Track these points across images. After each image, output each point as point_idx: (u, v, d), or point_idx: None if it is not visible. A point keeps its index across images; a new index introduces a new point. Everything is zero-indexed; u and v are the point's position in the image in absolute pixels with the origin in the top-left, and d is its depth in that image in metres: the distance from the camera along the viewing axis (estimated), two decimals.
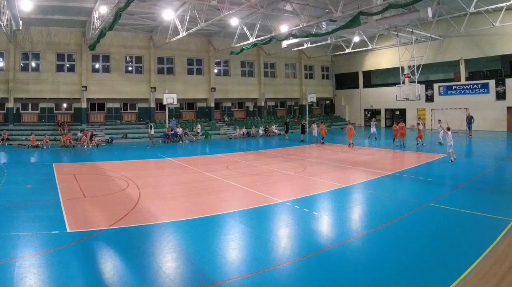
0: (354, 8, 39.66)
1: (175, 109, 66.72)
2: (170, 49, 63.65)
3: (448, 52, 64.18)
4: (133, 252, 13.72)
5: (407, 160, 35.85)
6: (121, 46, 61.88)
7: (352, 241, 15.00)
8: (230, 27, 54.71)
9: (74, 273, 11.92)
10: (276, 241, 15.47)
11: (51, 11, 48.13)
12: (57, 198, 21.27)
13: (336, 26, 46.39)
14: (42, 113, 59.79)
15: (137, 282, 11.59)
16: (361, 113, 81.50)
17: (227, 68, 73.04)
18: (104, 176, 28.59)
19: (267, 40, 54.71)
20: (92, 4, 44.90)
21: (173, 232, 16.13)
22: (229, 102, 75.66)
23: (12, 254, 13.22)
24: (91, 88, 59.18)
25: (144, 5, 46.54)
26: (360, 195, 23.19)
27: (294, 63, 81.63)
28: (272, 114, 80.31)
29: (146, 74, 63.97)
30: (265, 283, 11.53)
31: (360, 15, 38.62)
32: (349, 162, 34.08)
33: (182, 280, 11.78)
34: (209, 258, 13.28)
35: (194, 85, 68.14)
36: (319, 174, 29.15)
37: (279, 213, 18.97)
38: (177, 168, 33.43)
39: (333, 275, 12.02)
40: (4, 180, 26.68)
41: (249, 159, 36.98)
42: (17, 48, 55.16)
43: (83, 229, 16.16)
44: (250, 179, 27.23)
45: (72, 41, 58.30)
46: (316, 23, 47.10)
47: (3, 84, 54.47)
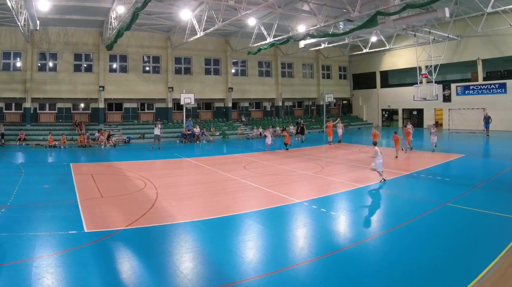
0: (372, 8, 39.61)
1: (192, 109, 66.55)
2: (187, 49, 63.66)
3: (465, 52, 63.61)
4: (150, 252, 13.73)
5: (424, 160, 35.35)
6: (139, 46, 62.01)
7: (369, 241, 15.00)
8: (248, 27, 54.48)
9: (92, 273, 11.95)
10: (293, 241, 15.45)
11: (69, 11, 48.29)
12: (74, 198, 21.31)
13: (353, 26, 46.01)
14: (59, 113, 60.04)
15: (155, 282, 11.59)
16: (379, 113, 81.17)
17: (245, 68, 72.92)
18: (121, 176, 28.65)
19: (284, 40, 54.48)
20: (110, 4, 45.02)
21: (190, 232, 16.14)
22: (246, 102, 75.37)
23: (29, 254, 13.23)
24: (109, 88, 59.27)
25: (162, 5, 46.60)
26: (377, 195, 23.19)
27: (311, 63, 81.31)
28: (290, 114, 79.90)
29: (163, 74, 64.04)
30: (283, 283, 11.58)
31: (377, 15, 38.24)
32: (366, 162, 33.28)
33: (199, 280, 11.75)
34: (227, 258, 13.29)
35: (211, 85, 68.09)
36: (336, 174, 29.10)
37: (296, 213, 18.97)
38: (194, 168, 33.46)
39: (350, 275, 11.97)
40: (21, 180, 26.77)
41: (266, 159, 36.89)
42: (34, 48, 55.38)
43: (100, 229, 16.18)
44: (267, 179, 27.22)
45: (89, 41, 58.51)
46: (333, 23, 47.03)
47: (20, 84, 54.75)
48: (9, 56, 55.32)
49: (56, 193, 23.16)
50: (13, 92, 54.48)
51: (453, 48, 63.90)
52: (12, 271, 11.98)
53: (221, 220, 17.74)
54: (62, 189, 24.17)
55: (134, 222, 17.02)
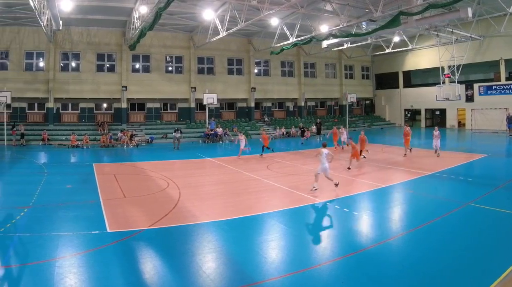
0: (394, 8, 39.26)
1: (215, 109, 66.62)
2: (210, 49, 63.49)
3: (488, 52, 62.86)
4: (173, 252, 13.74)
5: (447, 160, 34.97)
6: (161, 46, 62.11)
7: (392, 241, 14.99)
8: (270, 27, 54.51)
9: (114, 273, 12.03)
10: (316, 241, 15.48)
11: (91, 11, 48.58)
12: (97, 198, 21.46)
13: (376, 26, 45.91)
14: (82, 113, 60.47)
15: (177, 282, 11.65)
16: (401, 113, 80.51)
17: (267, 68, 72.70)
18: (144, 176, 28.74)
19: (307, 40, 54.31)
20: (132, 4, 45.26)
21: (213, 232, 16.13)
22: (269, 102, 75.28)
23: (52, 254, 13.30)
24: (131, 88, 59.54)
25: (184, 5, 46.62)
26: (400, 195, 23.17)
27: (334, 63, 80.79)
28: (312, 114, 79.32)
29: (186, 74, 64.09)
30: (305, 283, 11.56)
31: (400, 15, 38.15)
32: (388, 162, 33.85)
33: (222, 279, 11.76)
34: (249, 258, 13.33)
35: (234, 85, 68.08)
36: (359, 173, 29.00)
37: (319, 213, 19.10)
38: (217, 168, 33.49)
39: (373, 275, 11.93)
40: (44, 180, 26.90)
41: (289, 159, 36.86)
42: (57, 48, 55.80)
43: (123, 229, 16.27)
44: (290, 179, 27.17)
45: (112, 41, 58.84)
46: (356, 23, 46.83)
47: (43, 84, 55.11)
48: (32, 56, 55.76)
49: (78, 193, 23.32)
50: (35, 92, 54.86)
51: (475, 48, 63.15)
52: (35, 271, 12.02)
53: (243, 220, 17.78)
54: (85, 189, 24.31)
55: (157, 222, 17.06)
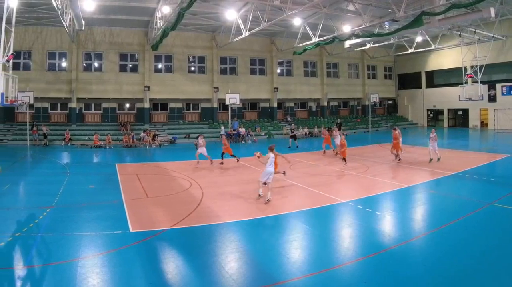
0: (417, 8, 39.05)
1: (237, 109, 66.83)
2: (232, 49, 63.75)
3: (510, 52, 62.35)
4: (195, 252, 13.77)
5: (469, 160, 34.98)
6: (184, 46, 62.31)
7: (414, 241, 14.96)
8: (293, 27, 54.37)
9: (137, 273, 12.07)
10: (338, 241, 15.44)
11: (114, 11, 48.90)
12: (120, 198, 21.55)
13: (398, 26, 45.65)
14: (104, 113, 60.98)
15: (200, 282, 11.69)
16: (424, 113, 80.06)
17: (290, 68, 72.58)
18: (167, 176, 28.78)
19: (329, 40, 54.24)
20: (155, 4, 45.50)
21: (235, 232, 16.14)
22: (291, 102, 75.07)
23: (75, 254, 13.38)
24: (154, 88, 59.85)
25: (207, 5, 46.76)
26: (422, 195, 23.05)
27: (356, 63, 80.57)
28: (335, 114, 79.20)
29: (209, 74, 64.34)
30: (328, 283, 11.63)
31: (422, 15, 37.96)
32: (411, 162, 33.68)
33: (244, 279, 11.81)
34: (272, 258, 13.31)
35: (256, 85, 68.15)
36: (382, 174, 28.91)
37: (341, 213, 19.00)
38: (239, 168, 33.33)
39: (396, 275, 11.95)
40: (66, 180, 27.06)
41: (311, 159, 36.70)
42: (79, 48, 56.37)
43: (145, 229, 16.32)
44: (313, 179, 27.11)
45: (134, 41, 59.28)
46: (379, 23, 46.79)
47: (66, 84, 55.72)
48: (55, 56, 56.38)
49: (101, 193, 23.51)
50: (58, 93, 55.50)
51: (498, 48, 62.61)
52: (58, 271, 12.10)
53: (266, 220, 17.84)
54: (108, 189, 24.48)
55: (180, 222, 17.11)
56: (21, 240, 14.75)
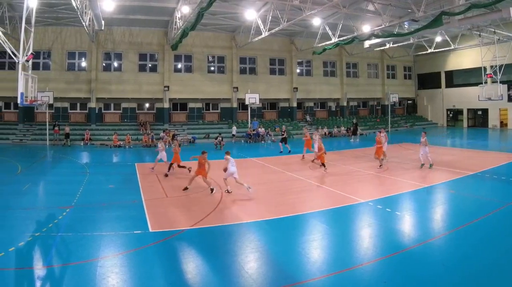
0: (436, 8, 38.74)
1: (257, 109, 66.76)
2: (252, 49, 63.67)
3: None
4: (215, 252, 13.80)
5: (489, 159, 34.81)
6: (203, 46, 62.35)
7: (434, 241, 14.90)
8: (312, 27, 54.15)
9: (156, 273, 12.11)
10: (358, 241, 15.42)
11: (133, 11, 49.18)
12: (139, 198, 21.66)
13: (418, 26, 45.35)
14: (124, 113, 61.33)
15: (219, 282, 11.71)
16: (444, 113, 79.57)
17: (309, 68, 72.27)
18: (186, 176, 28.37)
19: (349, 40, 54.09)
20: (174, 4, 45.59)
21: (255, 231, 16.16)
22: (311, 102, 74.76)
23: (94, 254, 13.46)
24: (173, 88, 59.92)
25: (226, 5, 46.75)
26: (441, 195, 23.07)
27: (376, 63, 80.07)
28: (354, 114, 78.53)
29: (228, 74, 64.37)
30: (347, 283, 11.64)
31: (442, 15, 37.78)
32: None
33: (264, 279, 11.85)
34: (291, 258, 13.30)
35: (276, 85, 67.88)
36: (401, 173, 28.79)
37: (361, 213, 18.99)
38: (259, 168, 33.33)
39: (415, 275, 11.91)
40: (86, 179, 27.21)
41: (331, 159, 35.95)
42: (99, 48, 56.72)
43: (165, 229, 16.36)
44: (332, 179, 27.08)
45: (154, 41, 59.46)
46: (398, 23, 46.38)
47: (85, 84, 56.10)
48: (74, 56, 56.86)
49: (121, 192, 23.64)
50: (78, 92, 55.92)
51: None
52: (77, 271, 12.17)
53: (286, 220, 17.79)
54: (127, 188, 24.61)
55: (199, 222, 17.15)
56: (40, 240, 14.80)
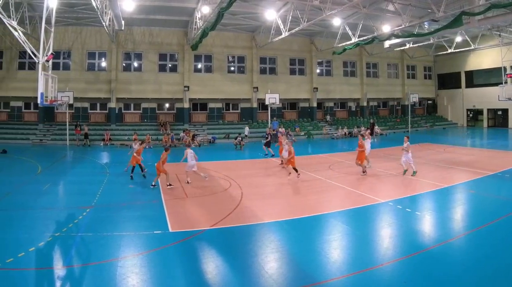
0: (456, 8, 38.52)
1: (277, 109, 66.86)
2: (272, 49, 63.65)
3: None
4: (235, 252, 13.84)
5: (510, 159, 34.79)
6: (223, 46, 62.49)
7: (453, 241, 14.95)
8: (332, 27, 53.93)
9: (176, 273, 12.16)
10: (378, 241, 15.45)
11: (153, 11, 49.39)
12: (159, 198, 21.68)
13: (438, 26, 45.15)
14: (144, 113, 61.67)
15: (239, 282, 11.73)
16: (464, 113, 79.16)
17: (329, 68, 72.32)
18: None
19: (369, 40, 53.94)
20: (194, 4, 45.71)
21: (275, 232, 16.15)
22: (331, 102, 75.02)
23: (114, 254, 13.53)
24: (193, 88, 60.10)
25: (246, 5, 46.75)
26: (461, 195, 23.09)
27: (396, 63, 79.81)
28: (375, 114, 78.63)
29: (248, 74, 64.50)
30: (367, 283, 11.62)
31: (462, 15, 37.60)
32: (451, 162, 33.50)
33: (284, 279, 11.86)
34: (311, 258, 13.34)
35: (296, 85, 67.91)
36: (421, 174, 28.44)
37: (381, 213, 18.99)
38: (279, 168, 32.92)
39: (435, 275, 11.87)
40: (106, 180, 27.34)
41: (351, 159, 35.36)
42: (119, 48, 57.11)
43: (185, 229, 16.42)
44: (352, 179, 27.09)
45: (174, 41, 59.65)
46: (418, 23, 46.14)
47: (105, 84, 56.46)
48: (94, 56, 57.28)
49: (141, 193, 23.89)
50: (98, 93, 56.33)
51: None
52: (98, 271, 12.24)
53: (306, 220, 17.79)
54: (147, 189, 24.64)
55: (219, 222, 17.17)
56: (60, 240, 14.89)
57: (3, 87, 53.58)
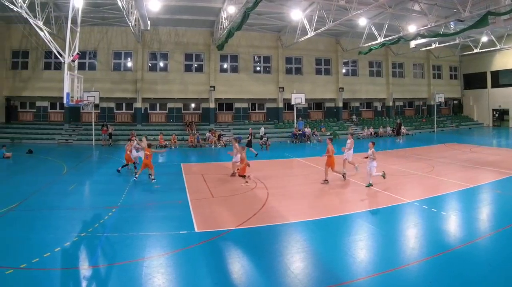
0: (482, 8, 38.23)
1: (303, 109, 66.60)
2: (298, 49, 63.29)
3: None
4: (260, 252, 13.83)
5: None
6: (249, 46, 62.43)
7: (480, 241, 14.84)
8: (358, 27, 53.74)
9: (202, 273, 12.16)
10: (404, 241, 15.48)
11: (179, 11, 49.46)
12: (185, 198, 21.72)
13: (464, 26, 44.62)
14: (170, 113, 61.82)
15: (265, 282, 11.74)
16: (489, 114, 78.37)
17: (355, 68, 71.67)
18: (232, 176, 28.60)
19: (395, 40, 53.58)
20: (220, 4, 45.78)
21: (300, 232, 16.12)
22: (357, 102, 74.41)
23: (140, 254, 13.59)
24: (219, 88, 60.08)
25: (272, 5, 46.71)
26: (487, 195, 22.80)
27: (422, 63, 78.62)
28: (400, 114, 78.05)
29: (274, 74, 64.22)
30: (393, 283, 11.63)
31: (488, 15, 37.16)
32: (476, 162, 33.29)
33: (310, 280, 11.83)
34: (337, 258, 13.47)
35: (322, 85, 67.43)
36: (447, 174, 28.50)
37: (406, 213, 18.96)
38: (305, 168, 33.24)
39: (461, 275, 11.89)
40: (132, 180, 27.29)
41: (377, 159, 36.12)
42: (145, 48, 57.39)
43: (211, 229, 16.44)
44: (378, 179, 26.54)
45: (200, 41, 59.75)
46: (444, 23, 45.84)
47: (131, 84, 56.85)
48: (120, 56, 57.70)
49: (166, 192, 23.80)
50: (124, 93, 56.74)
51: None
52: (123, 271, 12.32)
53: (331, 220, 17.87)
54: (173, 189, 24.71)
55: (245, 222, 17.20)
56: (86, 240, 14.99)
57: (29, 87, 54.24)
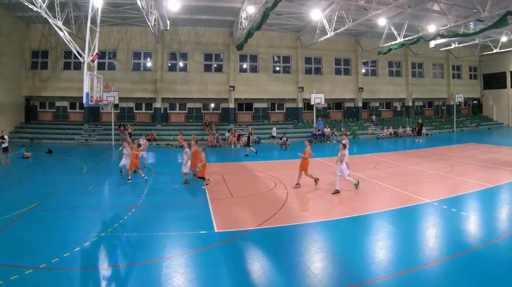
0: (502, 8, 38.05)
1: (322, 109, 66.53)
2: (317, 49, 63.25)
3: None
4: (280, 252, 13.82)
5: None
6: (269, 46, 62.44)
7: (499, 241, 14.74)
8: (378, 27, 53.62)
9: (222, 273, 12.18)
10: (423, 241, 15.31)
11: (199, 11, 49.70)
12: (205, 198, 21.76)
13: (483, 26, 44.42)
14: (189, 113, 62.03)
15: (285, 282, 11.74)
16: (509, 113, 77.79)
17: (375, 68, 71.61)
18: (251, 176, 28.91)
19: (414, 40, 53.28)
20: (240, 4, 45.91)
21: (320, 232, 16.14)
22: (376, 102, 74.20)
23: (160, 254, 13.61)
24: (239, 88, 60.11)
25: (292, 5, 46.75)
26: (507, 195, 22.57)
27: (441, 63, 78.16)
28: (420, 114, 77.33)
29: (293, 74, 64.20)
30: (413, 283, 11.58)
31: (507, 15, 36.98)
32: (496, 162, 33.10)
33: (329, 280, 11.84)
34: (357, 258, 13.39)
35: (341, 85, 67.41)
36: (467, 173, 28.37)
37: (426, 213, 18.87)
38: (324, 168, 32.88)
39: (481, 275, 11.85)
40: (151, 180, 27.47)
41: (396, 159, 36.31)
42: (164, 48, 57.62)
43: (230, 229, 16.44)
44: (397, 179, 26.95)
45: (219, 41, 59.85)
46: (463, 23, 45.71)
47: (151, 84, 57.09)
48: (140, 56, 58.05)
49: (186, 193, 23.79)
50: (143, 93, 57.03)
51: None
52: (143, 271, 12.35)
53: (351, 220, 17.91)
54: (192, 189, 24.63)
55: (265, 222, 17.21)
56: (106, 240, 15.07)
57: (49, 87, 54.71)
